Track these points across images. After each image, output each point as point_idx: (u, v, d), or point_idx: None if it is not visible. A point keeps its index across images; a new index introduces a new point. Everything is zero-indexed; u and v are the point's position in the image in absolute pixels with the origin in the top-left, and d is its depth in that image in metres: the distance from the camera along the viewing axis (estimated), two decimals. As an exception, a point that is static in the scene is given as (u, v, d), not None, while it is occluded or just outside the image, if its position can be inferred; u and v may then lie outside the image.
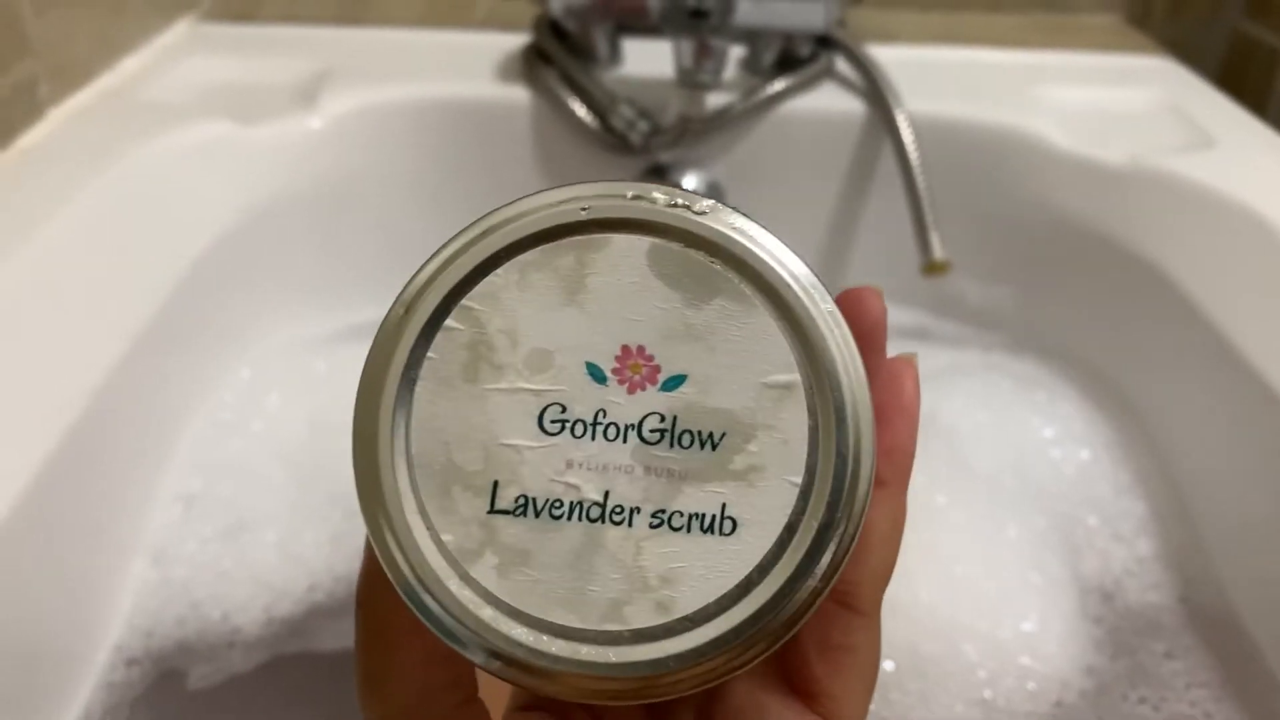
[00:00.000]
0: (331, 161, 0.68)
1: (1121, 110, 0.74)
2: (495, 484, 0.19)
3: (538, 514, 0.19)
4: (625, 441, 0.19)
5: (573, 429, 0.19)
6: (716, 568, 0.18)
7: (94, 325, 0.51)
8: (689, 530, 0.19)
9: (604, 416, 0.19)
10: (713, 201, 0.20)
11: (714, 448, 0.19)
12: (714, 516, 0.19)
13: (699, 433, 0.19)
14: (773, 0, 0.69)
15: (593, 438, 0.19)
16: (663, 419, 0.19)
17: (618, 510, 0.19)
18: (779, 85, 0.72)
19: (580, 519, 0.19)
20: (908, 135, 0.68)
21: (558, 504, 0.19)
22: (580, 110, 0.71)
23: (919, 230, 0.66)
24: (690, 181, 0.73)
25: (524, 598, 0.18)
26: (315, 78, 0.71)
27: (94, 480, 0.49)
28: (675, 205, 0.19)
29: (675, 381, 0.19)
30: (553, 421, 0.19)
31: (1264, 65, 0.87)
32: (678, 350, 0.19)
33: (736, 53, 0.74)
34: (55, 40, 0.61)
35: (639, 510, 0.19)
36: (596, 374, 0.19)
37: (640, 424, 0.19)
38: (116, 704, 0.48)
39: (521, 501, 0.19)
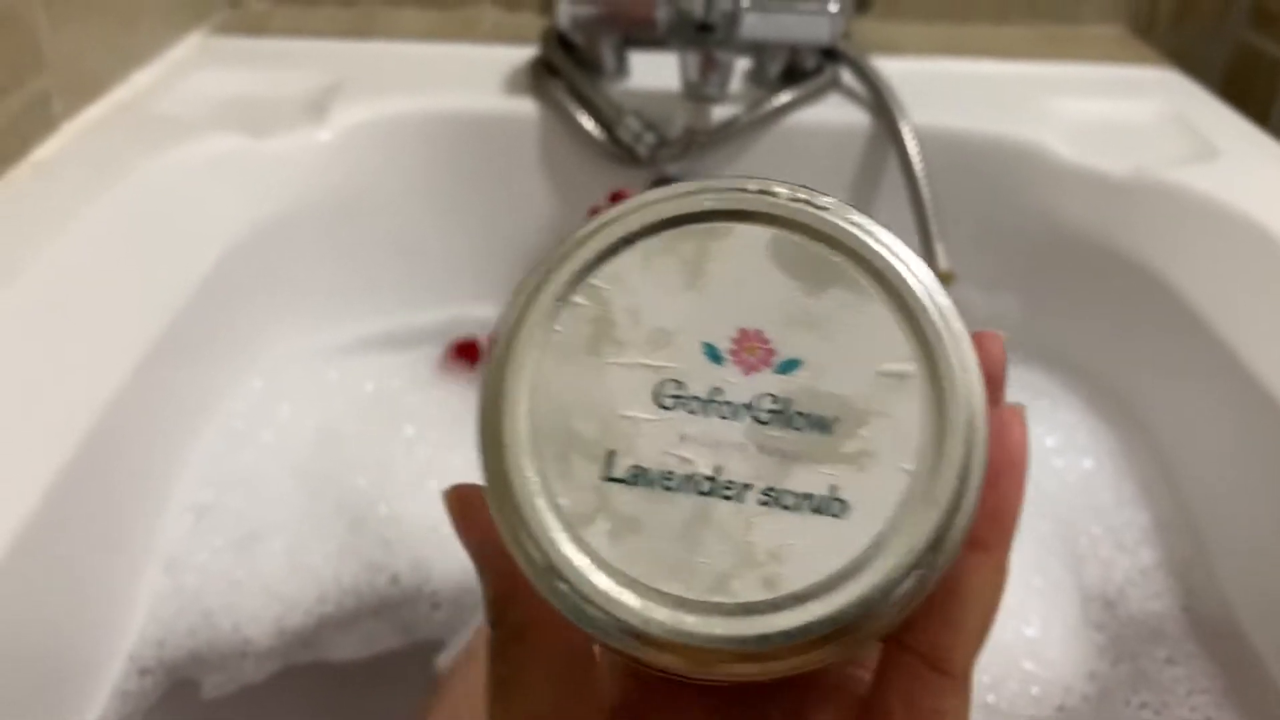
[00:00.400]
0: (341, 173, 0.69)
1: (1125, 121, 0.74)
2: (611, 453, 0.19)
3: (650, 484, 0.19)
4: (739, 420, 0.19)
5: (688, 405, 0.19)
6: (825, 548, 0.19)
7: (107, 337, 0.52)
8: (799, 509, 0.19)
9: (719, 395, 0.19)
10: (833, 198, 0.20)
11: (827, 431, 0.19)
12: (824, 497, 0.19)
13: (812, 415, 0.19)
14: (778, 13, 0.69)
15: (707, 415, 0.19)
16: (776, 400, 0.19)
17: (729, 486, 0.19)
18: (784, 97, 0.72)
19: (692, 492, 0.19)
20: (912, 146, 0.69)
21: (670, 476, 0.19)
22: (587, 122, 0.71)
23: (923, 240, 0.66)
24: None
25: (633, 564, 0.19)
26: (325, 91, 0.72)
27: (108, 490, 0.49)
28: (797, 200, 0.20)
29: (790, 365, 0.19)
30: (669, 397, 0.19)
31: (1268, 76, 0.87)
32: (794, 336, 0.20)
33: (742, 65, 0.75)
34: (69, 55, 0.62)
35: (750, 487, 0.19)
36: (713, 354, 0.19)
37: (754, 404, 0.19)
38: (131, 713, 0.49)
39: (635, 471, 0.19)
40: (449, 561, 0.56)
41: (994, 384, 0.21)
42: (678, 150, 0.70)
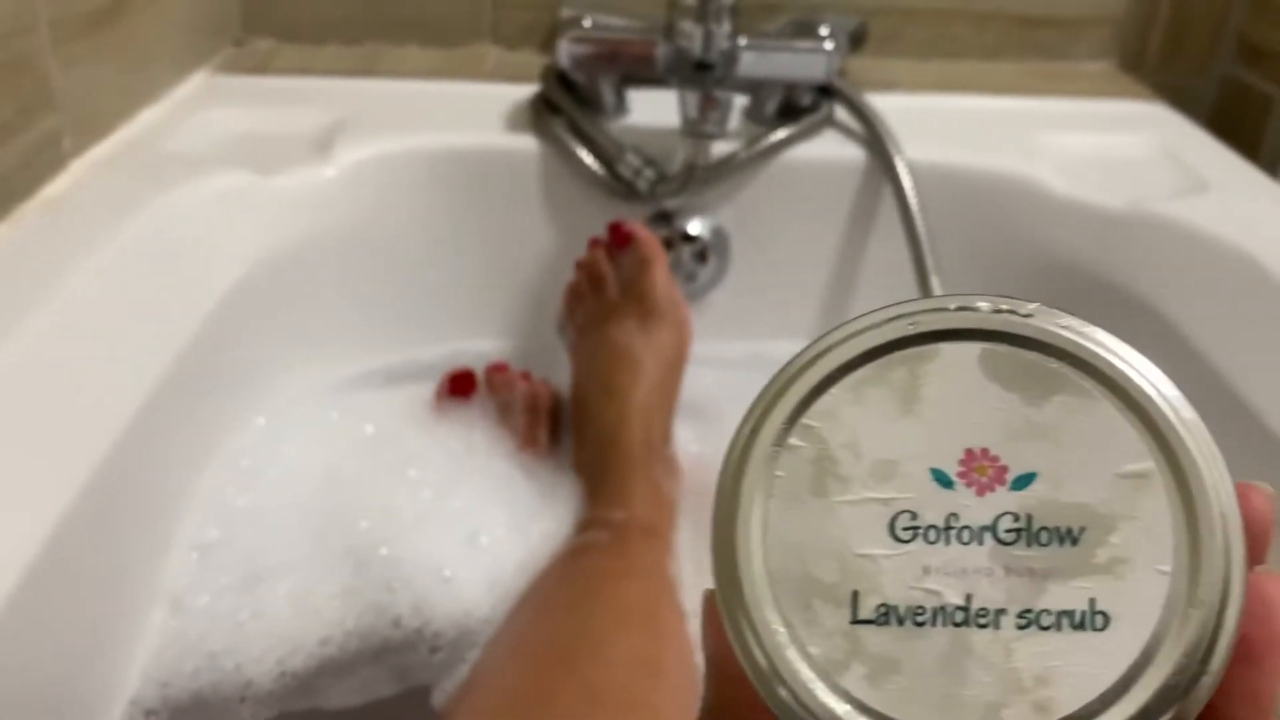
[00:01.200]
0: (346, 209, 0.70)
1: (1117, 155, 0.76)
2: (855, 594, 0.19)
3: (901, 622, 0.19)
4: (981, 544, 0.19)
5: (926, 535, 0.19)
6: (1094, 664, 0.18)
7: (115, 372, 0.52)
8: (1059, 628, 0.18)
9: (956, 520, 0.19)
10: (1038, 304, 0.20)
11: (1074, 543, 0.19)
12: (1084, 612, 0.18)
13: (1057, 529, 0.19)
14: (775, 52, 0.71)
15: (947, 542, 0.19)
16: (1017, 518, 0.19)
17: (982, 613, 0.19)
18: (781, 134, 0.73)
19: (945, 624, 0.19)
20: (907, 181, 0.70)
21: (920, 610, 0.19)
22: (588, 158, 0.73)
23: (919, 274, 0.67)
24: (696, 226, 0.75)
25: (898, 706, 0.18)
26: (330, 128, 0.73)
27: (114, 527, 0.49)
28: (1000, 311, 0.20)
29: (1025, 480, 0.19)
30: (905, 529, 0.19)
31: (1256, 111, 0.89)
32: (1023, 449, 0.19)
33: (740, 101, 0.76)
34: (78, 94, 0.63)
35: (1004, 611, 0.19)
36: (943, 479, 0.19)
37: (995, 525, 0.19)
38: (136, 754, 0.49)
39: (883, 610, 0.19)
40: (449, 604, 0.56)
41: (1257, 547, 0.19)
42: (677, 185, 0.71)
